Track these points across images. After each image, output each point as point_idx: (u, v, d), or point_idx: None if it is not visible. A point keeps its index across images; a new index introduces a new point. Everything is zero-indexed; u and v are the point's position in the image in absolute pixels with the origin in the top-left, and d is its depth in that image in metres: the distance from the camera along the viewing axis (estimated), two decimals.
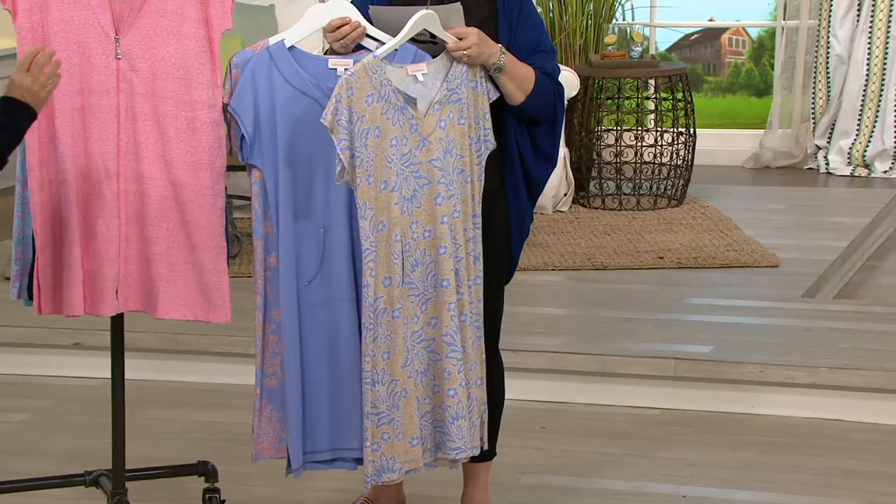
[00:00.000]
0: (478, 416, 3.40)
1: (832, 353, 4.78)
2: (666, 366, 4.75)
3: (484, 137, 3.37)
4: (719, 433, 4.53)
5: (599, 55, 7.39)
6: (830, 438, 4.48)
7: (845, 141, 8.10)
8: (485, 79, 3.37)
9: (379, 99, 3.22)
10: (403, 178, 3.25)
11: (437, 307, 3.29)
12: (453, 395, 3.29)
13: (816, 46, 8.18)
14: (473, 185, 3.36)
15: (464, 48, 3.30)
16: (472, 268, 3.35)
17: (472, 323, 3.36)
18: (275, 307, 3.39)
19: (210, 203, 3.39)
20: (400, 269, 3.25)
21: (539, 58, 3.46)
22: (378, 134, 3.22)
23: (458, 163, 3.32)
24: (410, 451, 3.29)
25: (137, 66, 3.35)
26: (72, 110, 3.33)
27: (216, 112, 3.37)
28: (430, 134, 3.28)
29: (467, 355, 3.33)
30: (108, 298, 3.40)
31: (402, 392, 3.27)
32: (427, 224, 3.28)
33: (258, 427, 3.43)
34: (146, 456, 4.14)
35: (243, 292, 5.40)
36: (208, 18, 3.36)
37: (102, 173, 3.36)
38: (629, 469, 4.25)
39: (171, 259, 3.40)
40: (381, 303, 3.24)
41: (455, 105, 3.31)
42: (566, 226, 6.76)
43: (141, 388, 4.84)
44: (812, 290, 5.67)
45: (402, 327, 3.26)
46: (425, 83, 3.29)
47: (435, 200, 3.28)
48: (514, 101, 3.41)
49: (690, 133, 7.21)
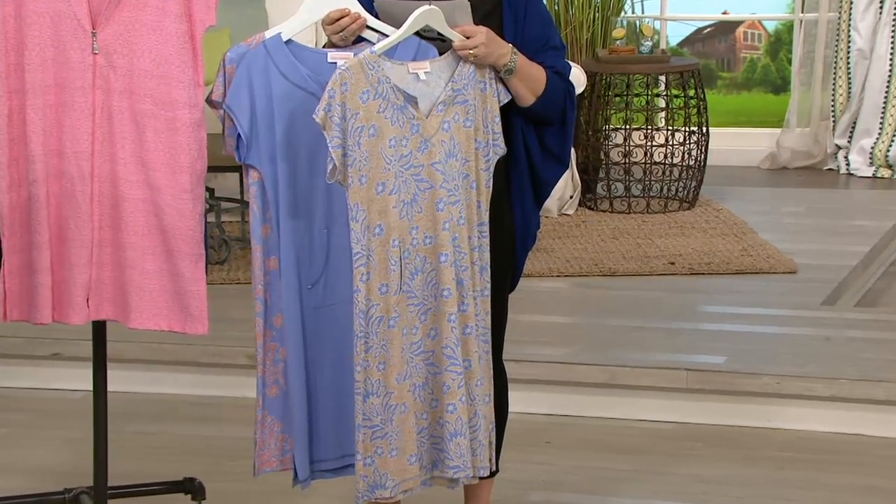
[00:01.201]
0: (485, 436, 3.36)
1: (853, 364, 4.77)
2: (678, 377, 4.75)
3: (493, 142, 3.35)
4: (734, 448, 4.52)
5: (607, 50, 7.39)
6: (851, 454, 4.47)
7: (867, 140, 8.09)
8: (495, 80, 3.35)
9: (376, 96, 3.21)
10: (403, 180, 3.24)
11: (437, 318, 3.28)
12: (452, 411, 3.27)
13: (837, 40, 8.17)
14: (480, 191, 3.34)
15: (470, 47, 3.28)
16: (477, 278, 3.33)
17: (479, 336, 3.34)
18: (276, 312, 3.38)
19: (189, 208, 3.37)
20: (398, 277, 3.24)
21: (549, 55, 3.44)
22: (373, 133, 3.21)
23: (463, 167, 3.30)
24: (407, 468, 3.27)
25: (115, 62, 3.34)
26: (45, 107, 3.32)
27: (197, 112, 3.36)
28: (433, 136, 3.26)
29: (471, 370, 3.30)
30: (78, 306, 3.39)
31: (400, 406, 3.25)
32: (428, 230, 3.26)
33: (260, 439, 3.42)
34: (129, 472, 4.13)
35: (232, 299, 5.43)
36: (191, 14, 3.34)
37: (76, 174, 3.34)
38: (639, 486, 4.24)
39: (146, 266, 3.38)
40: (375, 311, 3.22)
41: (461, 106, 3.29)
42: (572, 230, 6.76)
43: (124, 400, 4.84)
44: (832, 297, 5.66)
45: (400, 338, 3.25)
46: (428, 82, 3.27)
47: (437, 205, 3.26)
48: (525, 102, 3.41)
49: (703, 132, 7.20)
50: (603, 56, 7.32)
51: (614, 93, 7.27)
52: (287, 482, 3.44)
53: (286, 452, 3.44)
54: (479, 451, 3.35)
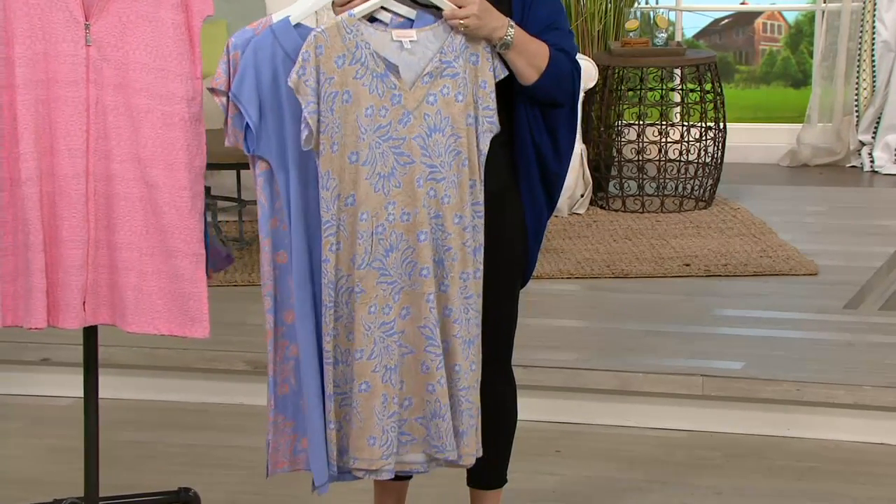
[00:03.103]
0: (469, 422, 3.36)
1: (877, 370, 4.77)
2: (693, 384, 4.75)
3: (486, 118, 3.33)
4: (752, 458, 4.53)
5: (620, 42, 7.39)
6: (875, 464, 4.48)
7: (892, 136, 8.09)
8: (490, 54, 3.32)
9: (352, 62, 3.20)
10: (380, 152, 3.23)
11: (413, 297, 3.28)
12: (431, 391, 3.28)
13: (860, 32, 8.18)
14: (473, 169, 3.32)
15: (460, 16, 3.26)
16: (467, 259, 3.32)
17: (470, 320, 3.33)
18: (286, 308, 3.37)
19: (188, 205, 3.38)
20: (365, 251, 3.24)
21: (555, 35, 3.41)
22: (347, 99, 3.20)
23: (454, 143, 3.28)
24: (365, 448, 3.28)
25: (109, 55, 3.34)
26: (36, 102, 3.33)
27: (196, 106, 3.36)
28: (416, 108, 3.26)
29: (449, 351, 3.31)
30: (74, 310, 3.39)
31: (363, 386, 3.26)
32: (406, 206, 3.26)
33: (273, 441, 3.41)
34: (122, 482, 4.14)
35: (230, 302, 5.44)
36: (188, 3, 3.35)
37: (70, 172, 3.35)
38: (653, 497, 4.25)
39: (144, 267, 3.39)
40: (344, 282, 3.24)
41: (451, 80, 3.27)
42: (583, 230, 6.76)
43: (116, 407, 4.85)
44: (855, 300, 5.66)
45: (365, 313, 3.25)
46: (413, 51, 3.25)
47: (416, 181, 3.25)
48: (527, 79, 3.38)
49: (720, 128, 7.21)
50: (615, 49, 7.32)
51: (627, 87, 7.28)
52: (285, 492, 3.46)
53: (298, 452, 3.43)
54: (466, 435, 3.34)
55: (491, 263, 3.39)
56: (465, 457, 3.36)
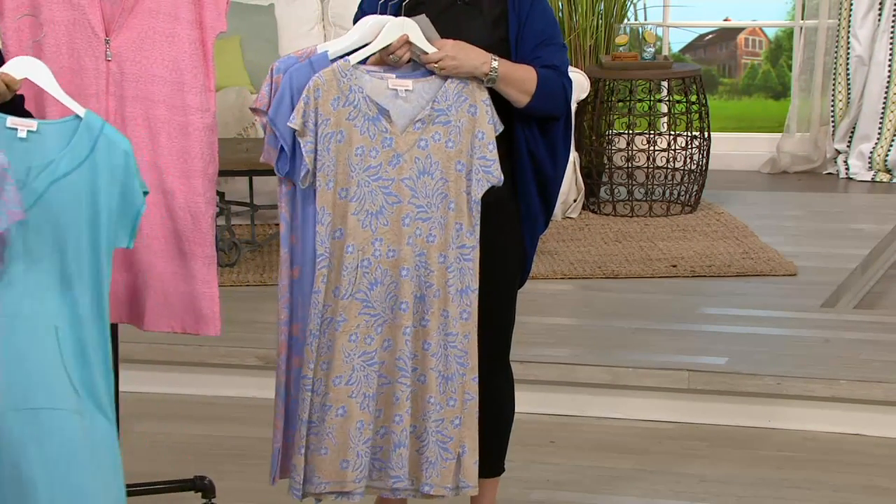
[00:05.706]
0: (437, 454, 3.28)
1: (853, 366, 4.76)
2: (680, 378, 4.74)
3: (484, 168, 3.28)
4: (735, 448, 4.52)
5: (610, 56, 7.39)
6: (851, 454, 4.46)
7: (866, 145, 8.08)
8: (489, 106, 3.28)
9: (345, 104, 3.19)
10: (369, 190, 3.21)
11: (393, 330, 3.25)
12: (398, 422, 3.25)
13: (836, 47, 8.17)
14: (462, 213, 3.27)
15: (433, 60, 3.23)
16: (449, 299, 3.26)
17: (450, 357, 3.27)
18: (295, 322, 3.34)
19: (202, 211, 3.38)
20: (348, 282, 3.21)
21: (549, 51, 3.38)
22: (341, 139, 3.20)
23: (442, 186, 3.25)
24: (338, 472, 3.25)
25: (128, 69, 3.34)
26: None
27: (209, 117, 3.36)
28: (407, 152, 3.23)
29: (425, 385, 3.26)
30: None
31: (337, 409, 3.22)
32: (392, 243, 3.24)
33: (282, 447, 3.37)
34: (139, 472, 4.12)
35: (242, 302, 5.43)
36: (202, 20, 3.35)
37: None
38: (642, 485, 4.23)
39: (160, 269, 3.39)
40: (328, 311, 3.22)
41: (442, 127, 3.25)
42: (576, 233, 6.75)
43: (134, 400, 4.83)
44: (831, 299, 5.65)
45: (345, 342, 3.22)
46: (407, 99, 3.23)
47: (403, 220, 3.23)
48: (520, 104, 3.36)
49: (705, 137, 7.20)
50: (606, 62, 7.32)
51: (617, 98, 7.27)
52: None
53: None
54: (428, 468, 3.28)
55: (491, 268, 3.38)
56: (434, 487, 3.29)
